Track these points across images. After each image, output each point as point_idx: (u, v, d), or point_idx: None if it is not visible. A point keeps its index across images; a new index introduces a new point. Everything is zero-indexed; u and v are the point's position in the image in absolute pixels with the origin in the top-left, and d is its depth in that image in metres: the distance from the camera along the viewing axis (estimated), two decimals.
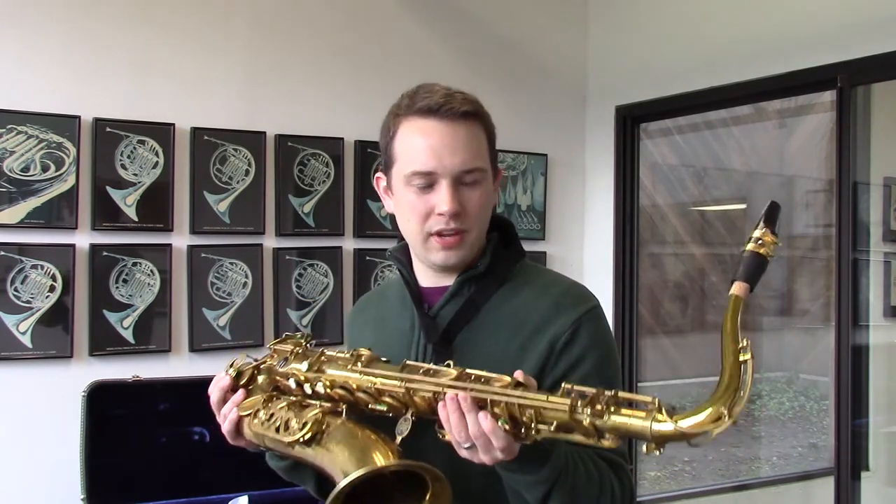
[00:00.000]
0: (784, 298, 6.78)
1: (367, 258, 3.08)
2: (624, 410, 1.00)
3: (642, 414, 0.98)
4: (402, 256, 1.42)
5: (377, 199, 3.11)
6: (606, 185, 3.46)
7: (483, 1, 3.39)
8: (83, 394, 2.45)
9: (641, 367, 3.56)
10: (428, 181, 1.28)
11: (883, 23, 2.51)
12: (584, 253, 3.58)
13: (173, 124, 2.76)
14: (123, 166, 2.69)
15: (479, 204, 1.30)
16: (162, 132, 2.74)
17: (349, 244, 3.06)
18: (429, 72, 3.24)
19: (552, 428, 1.03)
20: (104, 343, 2.65)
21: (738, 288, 1.03)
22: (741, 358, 0.98)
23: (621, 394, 1.02)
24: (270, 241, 2.93)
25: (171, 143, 2.75)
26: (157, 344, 2.73)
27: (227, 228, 2.85)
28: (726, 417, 0.95)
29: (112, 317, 2.67)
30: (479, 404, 1.07)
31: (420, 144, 1.28)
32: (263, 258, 2.90)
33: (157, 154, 2.73)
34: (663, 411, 0.98)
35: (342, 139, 3.04)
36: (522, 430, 1.05)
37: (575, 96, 3.59)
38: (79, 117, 2.61)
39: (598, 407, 1.00)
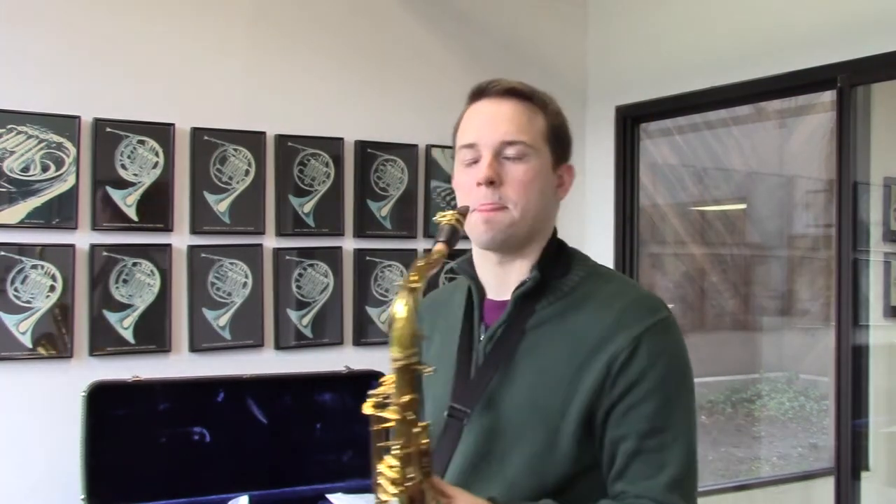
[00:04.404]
0: (784, 298, 6.78)
1: (367, 258, 3.08)
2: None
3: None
4: (470, 268, 1.39)
5: (377, 199, 3.13)
6: (606, 185, 3.46)
7: (483, 1, 3.39)
8: (83, 394, 2.44)
9: None
10: (473, 155, 1.30)
11: (883, 23, 2.51)
12: (584, 253, 3.57)
13: (173, 124, 2.76)
14: (123, 166, 2.69)
15: (522, 180, 1.28)
16: (162, 132, 2.74)
17: (349, 244, 3.06)
18: (429, 72, 3.25)
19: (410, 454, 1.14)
20: (104, 343, 2.65)
21: (440, 246, 1.21)
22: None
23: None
24: (270, 241, 2.93)
25: (171, 143, 2.75)
26: (157, 344, 2.73)
27: (227, 228, 2.85)
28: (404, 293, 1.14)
29: (112, 317, 2.67)
30: None
31: (467, 121, 1.34)
32: (263, 258, 2.90)
33: (157, 154, 2.73)
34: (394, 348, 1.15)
35: (342, 139, 3.04)
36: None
37: (575, 96, 3.59)
38: (79, 117, 2.61)
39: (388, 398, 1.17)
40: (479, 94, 1.34)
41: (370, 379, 2.85)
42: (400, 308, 1.13)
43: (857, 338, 2.64)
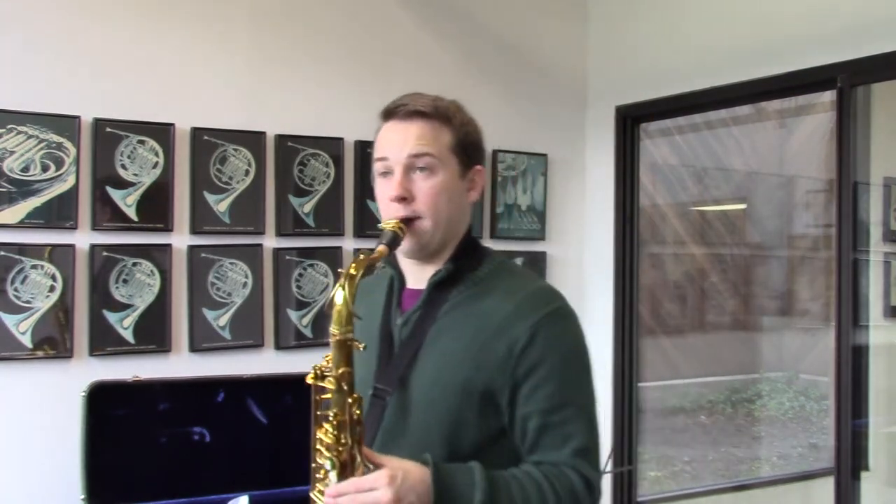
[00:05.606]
0: (784, 298, 6.78)
1: None
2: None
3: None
4: (393, 259, 1.52)
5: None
6: (606, 185, 3.46)
7: (484, 1, 3.39)
8: (83, 394, 2.45)
9: (641, 367, 3.56)
10: (386, 168, 1.44)
11: (883, 23, 2.51)
12: (584, 253, 3.58)
13: (173, 124, 2.76)
14: (123, 166, 2.69)
15: (431, 192, 1.42)
16: (162, 132, 2.74)
17: (349, 244, 3.06)
18: (429, 72, 3.25)
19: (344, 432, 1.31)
20: (104, 343, 2.65)
21: (382, 248, 1.38)
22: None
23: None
24: (270, 241, 2.93)
25: (171, 143, 2.75)
26: (157, 344, 2.73)
27: (227, 228, 2.85)
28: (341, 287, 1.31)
29: (112, 317, 2.67)
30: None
31: (381, 139, 1.47)
32: (263, 258, 2.90)
33: (157, 154, 2.73)
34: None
35: (342, 139, 3.04)
36: (347, 460, 1.31)
37: (575, 96, 3.59)
38: (79, 117, 2.61)
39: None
40: (388, 115, 1.47)
41: None
42: (339, 294, 1.31)
43: (857, 338, 2.64)
